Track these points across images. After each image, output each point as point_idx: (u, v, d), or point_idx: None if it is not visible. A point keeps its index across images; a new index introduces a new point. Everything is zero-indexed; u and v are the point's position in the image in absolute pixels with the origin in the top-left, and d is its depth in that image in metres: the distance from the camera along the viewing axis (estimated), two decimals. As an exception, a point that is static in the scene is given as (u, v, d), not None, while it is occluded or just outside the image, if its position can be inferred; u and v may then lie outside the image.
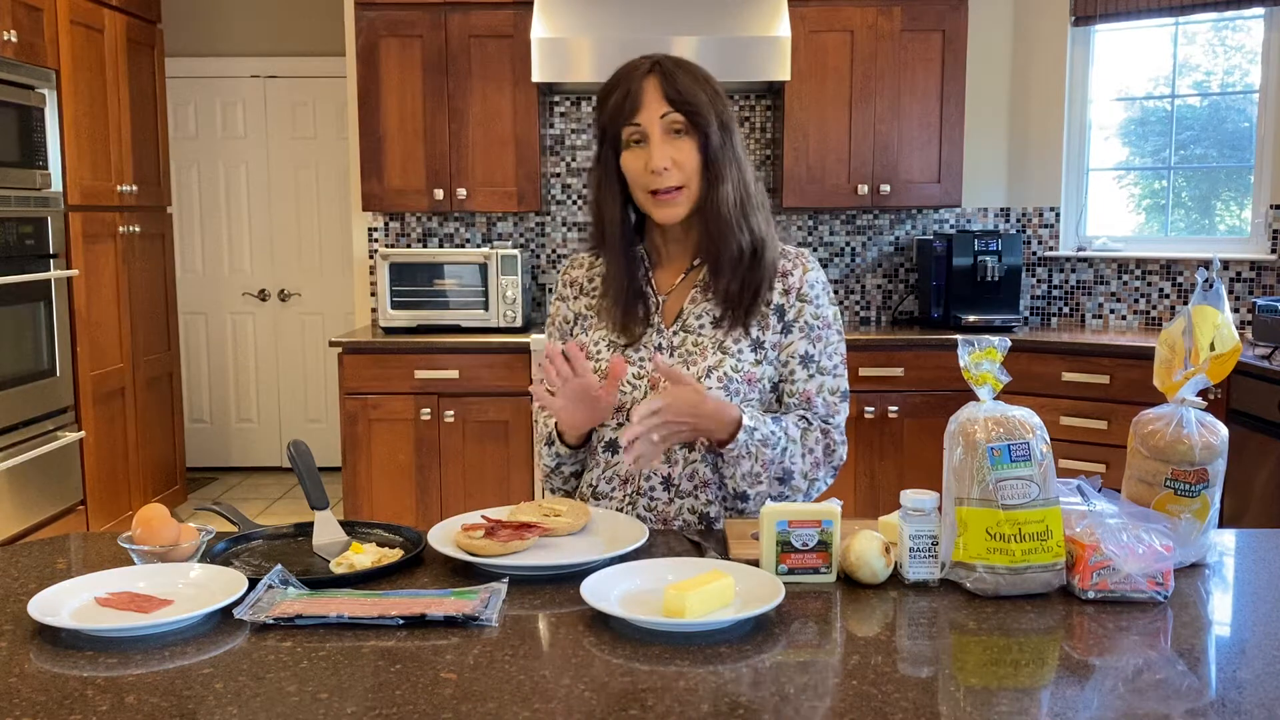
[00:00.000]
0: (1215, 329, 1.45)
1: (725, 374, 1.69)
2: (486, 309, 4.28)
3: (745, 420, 1.62)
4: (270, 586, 1.33)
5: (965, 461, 1.37)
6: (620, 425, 1.73)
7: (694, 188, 1.69)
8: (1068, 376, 4.03)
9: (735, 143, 1.71)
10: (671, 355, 1.74)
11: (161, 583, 1.35)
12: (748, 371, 1.71)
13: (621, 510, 1.74)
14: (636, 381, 1.73)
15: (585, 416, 1.69)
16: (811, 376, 1.73)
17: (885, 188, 4.39)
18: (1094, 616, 1.29)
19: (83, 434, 4.27)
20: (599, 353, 1.77)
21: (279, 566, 1.37)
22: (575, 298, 1.85)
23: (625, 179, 1.71)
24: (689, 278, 1.78)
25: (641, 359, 1.74)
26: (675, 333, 1.75)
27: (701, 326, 1.74)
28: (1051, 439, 1.40)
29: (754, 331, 1.73)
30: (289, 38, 5.77)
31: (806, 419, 1.72)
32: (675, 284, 1.79)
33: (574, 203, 4.80)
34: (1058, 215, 4.71)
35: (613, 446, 1.75)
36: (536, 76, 4.10)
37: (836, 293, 4.82)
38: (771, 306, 1.74)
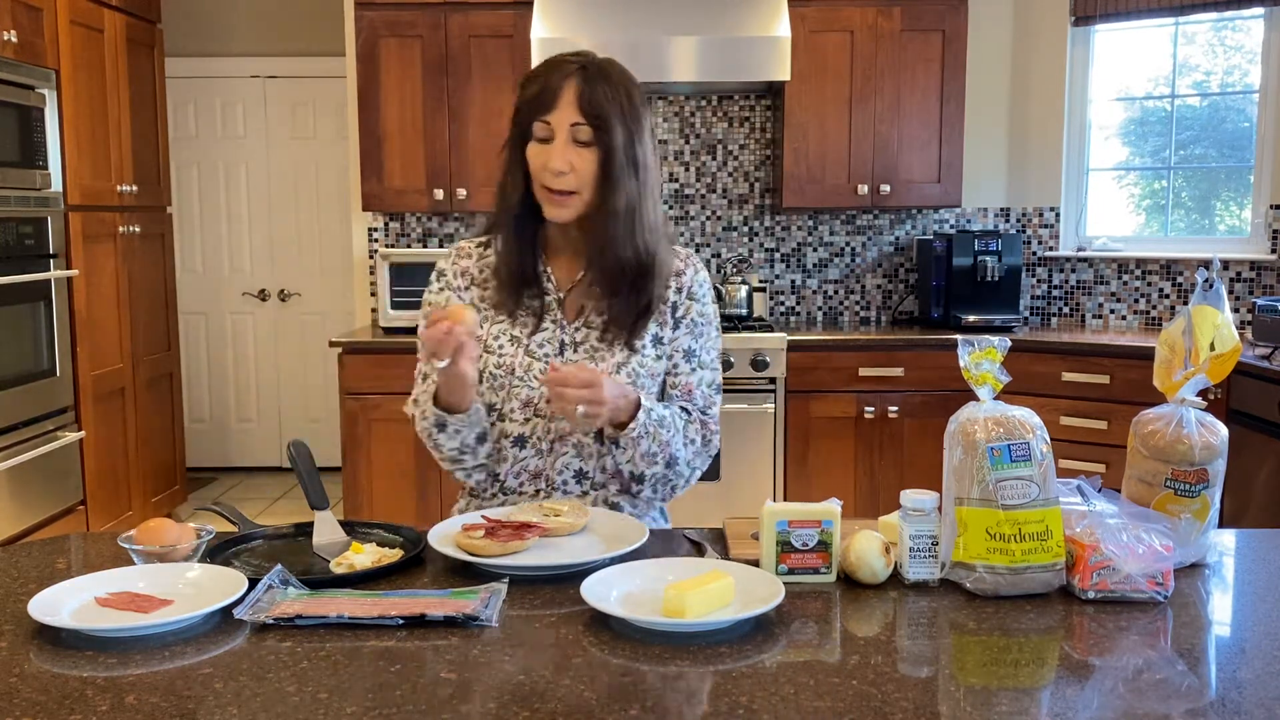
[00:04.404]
0: (1215, 329, 1.45)
1: (633, 369, 1.74)
2: (486, 309, 4.28)
3: (643, 400, 1.67)
4: (270, 586, 1.33)
5: (965, 461, 1.37)
6: (527, 420, 1.75)
7: (587, 195, 1.70)
8: (1068, 376, 4.03)
9: (640, 156, 1.70)
10: (576, 350, 1.76)
11: (161, 583, 1.35)
12: (651, 367, 1.76)
13: None
14: (545, 377, 1.73)
15: (471, 367, 1.64)
16: (694, 370, 1.79)
17: (885, 188, 4.39)
18: (1094, 616, 1.29)
19: (83, 434, 4.26)
20: (500, 346, 1.77)
21: (279, 566, 1.37)
22: (467, 288, 1.84)
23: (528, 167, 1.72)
24: (583, 280, 1.79)
25: (546, 355, 1.75)
26: (578, 328, 1.77)
27: (605, 327, 1.77)
28: (1051, 439, 1.40)
29: (654, 328, 1.77)
30: (289, 38, 5.77)
31: (687, 410, 1.77)
32: (576, 279, 1.79)
33: (574, 203, 4.79)
34: (1058, 215, 4.71)
35: (521, 442, 1.76)
36: (536, 76, 4.09)
37: (836, 293, 4.83)
38: (667, 304, 1.78)
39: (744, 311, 4.36)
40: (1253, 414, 3.42)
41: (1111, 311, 4.62)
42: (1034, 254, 4.75)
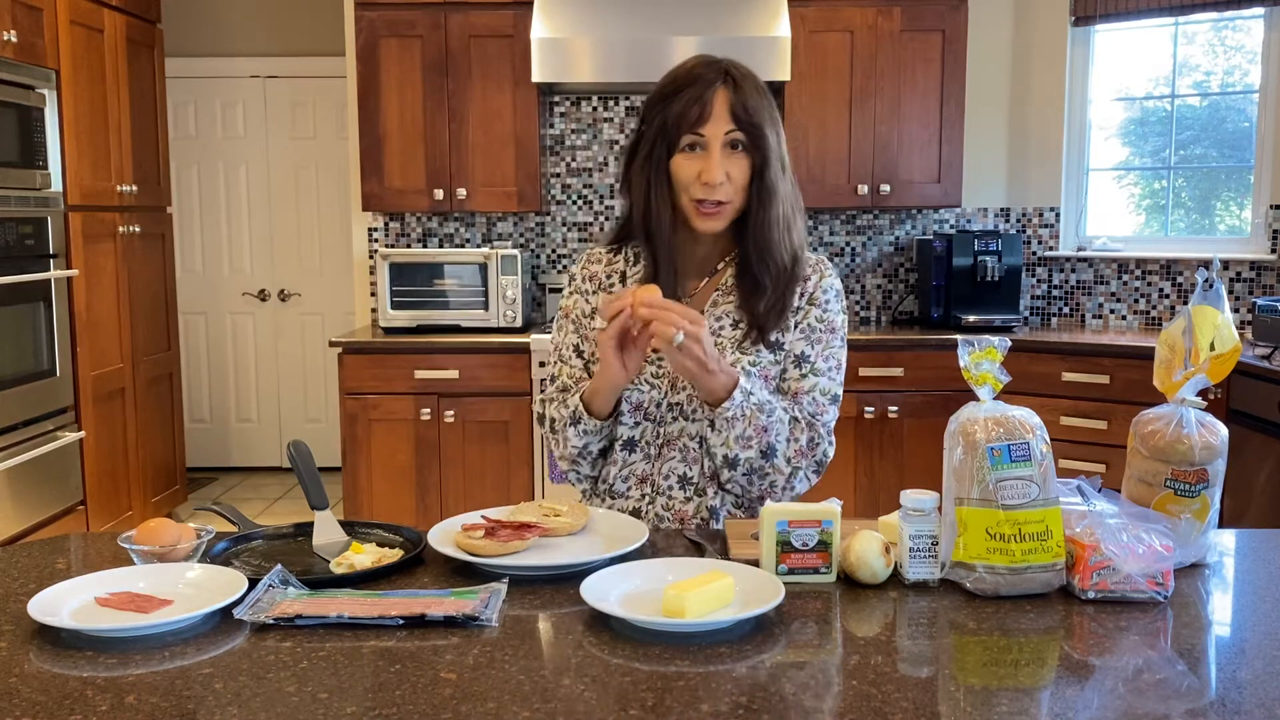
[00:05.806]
0: (1215, 329, 1.45)
1: (744, 369, 1.72)
2: (486, 309, 4.28)
3: (742, 381, 1.65)
4: (270, 586, 1.33)
5: (965, 461, 1.37)
6: (637, 424, 1.76)
7: (739, 203, 1.71)
8: (1068, 376, 4.03)
9: (786, 158, 1.72)
10: None
11: (161, 583, 1.35)
12: (765, 368, 1.75)
13: (639, 510, 1.75)
14: (656, 381, 1.75)
15: (631, 363, 1.65)
16: (804, 376, 1.76)
17: (885, 188, 4.39)
18: (1094, 616, 1.29)
19: (83, 434, 4.26)
20: None
21: (279, 566, 1.37)
22: (594, 292, 1.85)
23: (672, 178, 1.71)
24: (711, 281, 1.80)
25: (658, 359, 1.75)
26: None
27: (721, 329, 1.77)
28: (1051, 439, 1.40)
29: (773, 335, 1.76)
30: (289, 38, 5.77)
31: (794, 414, 1.75)
32: (699, 287, 1.80)
33: (574, 203, 4.80)
34: (1058, 215, 4.71)
35: (630, 445, 1.77)
36: (536, 76, 4.10)
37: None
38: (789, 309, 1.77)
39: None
40: (1253, 414, 3.42)
41: (1111, 311, 4.62)
42: (1034, 254, 4.75)
